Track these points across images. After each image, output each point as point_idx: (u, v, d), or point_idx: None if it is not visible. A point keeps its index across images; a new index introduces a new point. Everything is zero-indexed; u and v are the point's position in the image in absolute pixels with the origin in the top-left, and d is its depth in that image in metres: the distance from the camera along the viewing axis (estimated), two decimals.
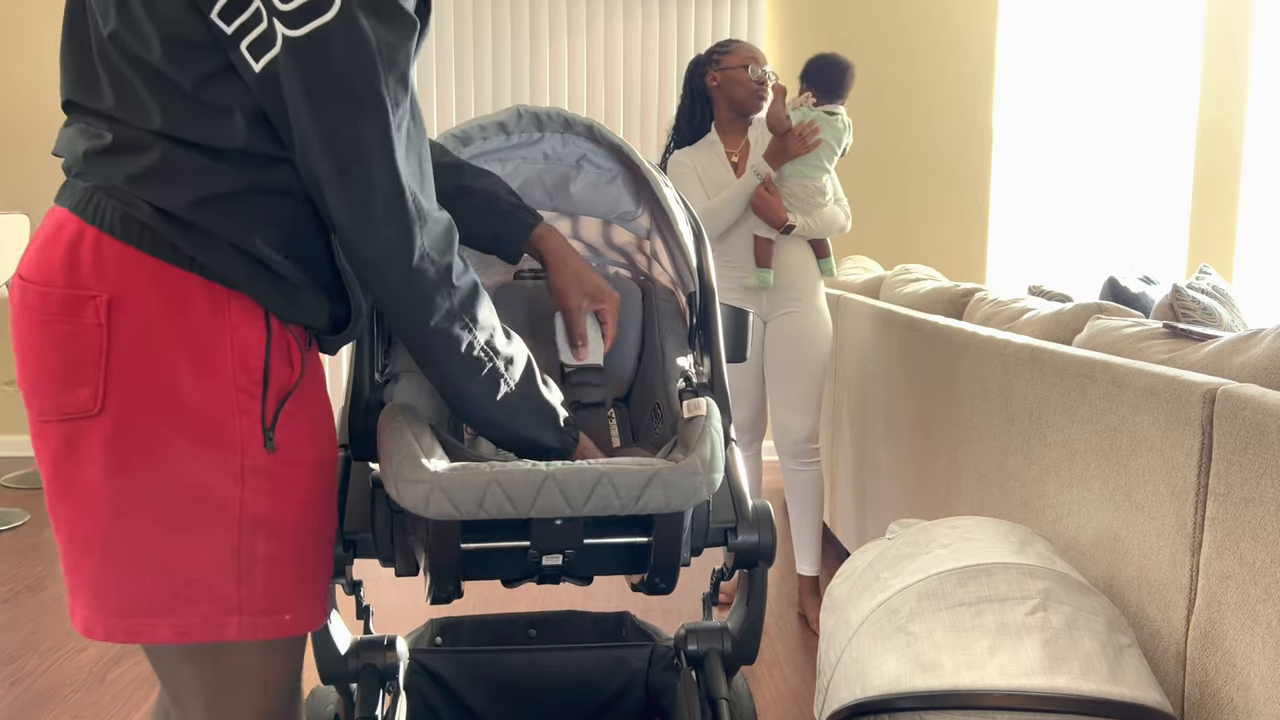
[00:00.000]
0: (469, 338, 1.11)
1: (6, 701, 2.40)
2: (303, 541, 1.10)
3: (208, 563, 1.03)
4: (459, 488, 1.04)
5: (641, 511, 1.09)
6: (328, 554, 1.16)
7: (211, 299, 1.02)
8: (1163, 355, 1.69)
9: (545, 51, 4.77)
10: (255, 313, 1.04)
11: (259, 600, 1.06)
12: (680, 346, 1.47)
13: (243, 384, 1.03)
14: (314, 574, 1.13)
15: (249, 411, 1.03)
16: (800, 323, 2.88)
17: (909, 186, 4.99)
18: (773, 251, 2.82)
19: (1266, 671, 1.29)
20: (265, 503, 1.05)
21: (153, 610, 1.02)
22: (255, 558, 1.05)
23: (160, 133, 0.99)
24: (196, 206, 1.00)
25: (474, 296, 1.11)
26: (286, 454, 1.07)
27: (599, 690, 1.58)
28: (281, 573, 1.08)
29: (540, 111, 1.42)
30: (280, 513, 1.07)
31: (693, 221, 1.47)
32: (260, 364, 1.04)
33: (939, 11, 4.92)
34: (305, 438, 1.09)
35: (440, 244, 1.06)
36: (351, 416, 1.24)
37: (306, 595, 1.12)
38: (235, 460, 1.03)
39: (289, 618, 1.09)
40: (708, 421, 1.15)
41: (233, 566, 1.04)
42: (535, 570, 1.18)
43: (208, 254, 1.01)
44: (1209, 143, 5.03)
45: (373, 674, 1.34)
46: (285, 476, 1.07)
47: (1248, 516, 1.33)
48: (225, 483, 1.02)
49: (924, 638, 1.35)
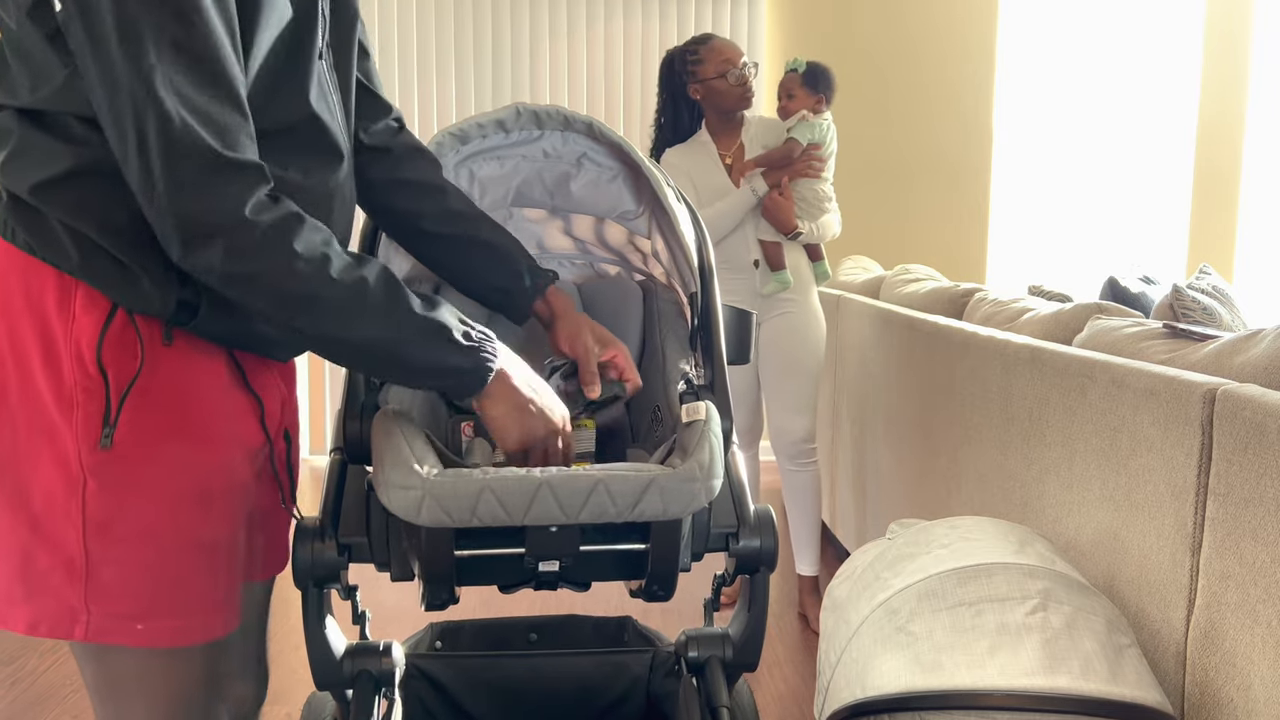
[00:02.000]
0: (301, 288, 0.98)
1: (6, 701, 2.40)
2: (160, 546, 1.03)
3: (55, 559, 1.01)
4: (452, 495, 1.02)
5: (638, 519, 1.06)
6: (211, 562, 1.08)
7: (61, 289, 0.99)
8: (1163, 355, 1.69)
9: (545, 51, 4.77)
10: (98, 303, 0.99)
11: (107, 603, 1.01)
12: (681, 348, 1.46)
13: (79, 378, 0.99)
14: (177, 582, 1.05)
15: (85, 407, 0.99)
16: (794, 323, 2.87)
17: (909, 187, 4.99)
18: (783, 253, 2.81)
19: (1266, 671, 1.29)
20: (108, 503, 1.01)
21: (13, 598, 1.02)
22: (103, 559, 1.01)
23: (26, 109, 0.98)
24: (37, 191, 0.98)
25: (288, 231, 0.97)
26: (131, 451, 1.01)
27: (600, 696, 1.57)
28: (132, 577, 1.02)
29: (539, 109, 1.40)
30: (128, 514, 1.01)
31: (695, 221, 1.46)
32: (95, 356, 0.99)
33: (939, 12, 4.92)
34: (158, 436, 1.03)
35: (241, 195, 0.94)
36: (345, 420, 1.22)
37: (167, 605, 1.04)
38: (75, 457, 0.99)
39: (141, 627, 1.03)
40: (706, 426, 1.13)
41: (79, 566, 1.01)
42: (531, 576, 1.16)
43: (46, 240, 0.99)
44: (1209, 142, 5.03)
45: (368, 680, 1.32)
46: (132, 477, 1.01)
47: (1248, 516, 1.33)
48: (69, 479, 1.00)
49: (924, 638, 1.35)
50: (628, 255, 1.63)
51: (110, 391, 1.00)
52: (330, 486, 1.26)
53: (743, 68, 2.75)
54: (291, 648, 2.40)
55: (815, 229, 2.82)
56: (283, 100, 1.04)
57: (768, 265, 2.82)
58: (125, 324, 1.00)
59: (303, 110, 1.06)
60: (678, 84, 2.82)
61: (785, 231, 2.77)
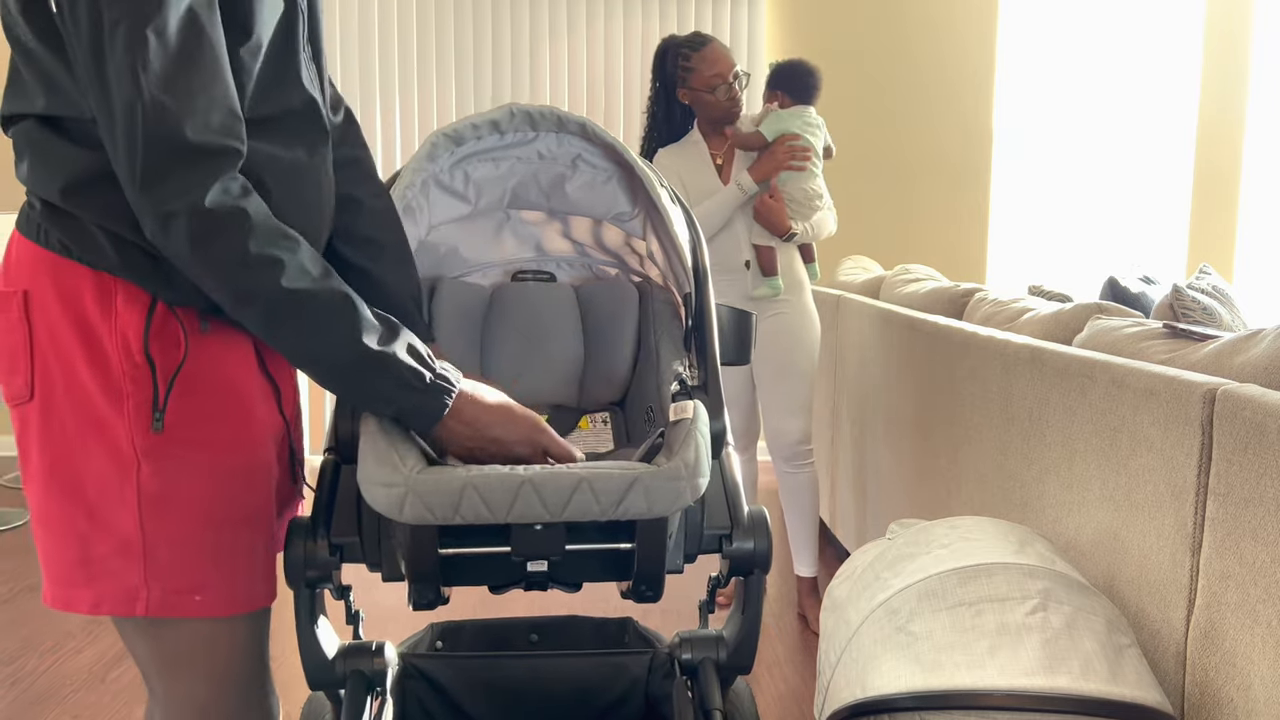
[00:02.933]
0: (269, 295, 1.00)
1: (6, 701, 2.40)
2: (211, 521, 1.10)
3: (114, 540, 1.07)
4: (434, 492, 1.02)
5: (622, 517, 1.06)
6: (254, 535, 1.15)
7: (99, 288, 1.05)
8: (1163, 355, 1.69)
9: (544, 50, 4.77)
10: (139, 298, 1.05)
11: (165, 579, 1.08)
12: (676, 348, 1.45)
13: (127, 369, 1.05)
14: (229, 554, 1.12)
15: (135, 396, 1.06)
16: (788, 323, 2.87)
17: (909, 187, 4.99)
18: (776, 258, 2.81)
19: (1266, 671, 1.29)
20: (162, 483, 1.07)
21: (75, 582, 1.09)
22: (159, 537, 1.07)
23: (41, 116, 1.02)
24: (67, 195, 1.03)
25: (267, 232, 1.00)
26: (181, 434, 1.08)
27: (598, 697, 1.57)
28: (187, 552, 1.09)
29: (533, 110, 1.39)
30: (181, 492, 1.08)
31: (689, 222, 1.46)
32: (142, 347, 1.05)
33: (939, 12, 4.92)
34: (203, 417, 1.09)
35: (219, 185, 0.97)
36: (338, 419, 1.21)
37: (220, 576, 1.11)
38: (128, 443, 1.06)
39: (199, 598, 1.10)
40: (693, 425, 1.12)
41: (137, 545, 1.07)
42: (521, 577, 1.16)
43: (82, 242, 1.04)
44: (1209, 143, 5.03)
45: (360, 680, 1.32)
46: (182, 457, 1.08)
47: (1248, 516, 1.33)
48: (122, 465, 1.06)
49: (924, 638, 1.35)
50: (625, 257, 1.63)
51: (158, 379, 1.06)
52: (323, 486, 1.26)
53: (733, 80, 2.73)
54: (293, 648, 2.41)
55: (809, 228, 2.81)
56: (285, 85, 1.10)
57: (760, 270, 2.82)
58: (167, 315, 1.07)
59: (302, 94, 1.12)
60: (669, 79, 2.81)
61: (779, 233, 2.76)
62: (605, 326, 1.60)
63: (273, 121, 1.07)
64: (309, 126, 1.14)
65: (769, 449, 2.96)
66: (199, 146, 0.95)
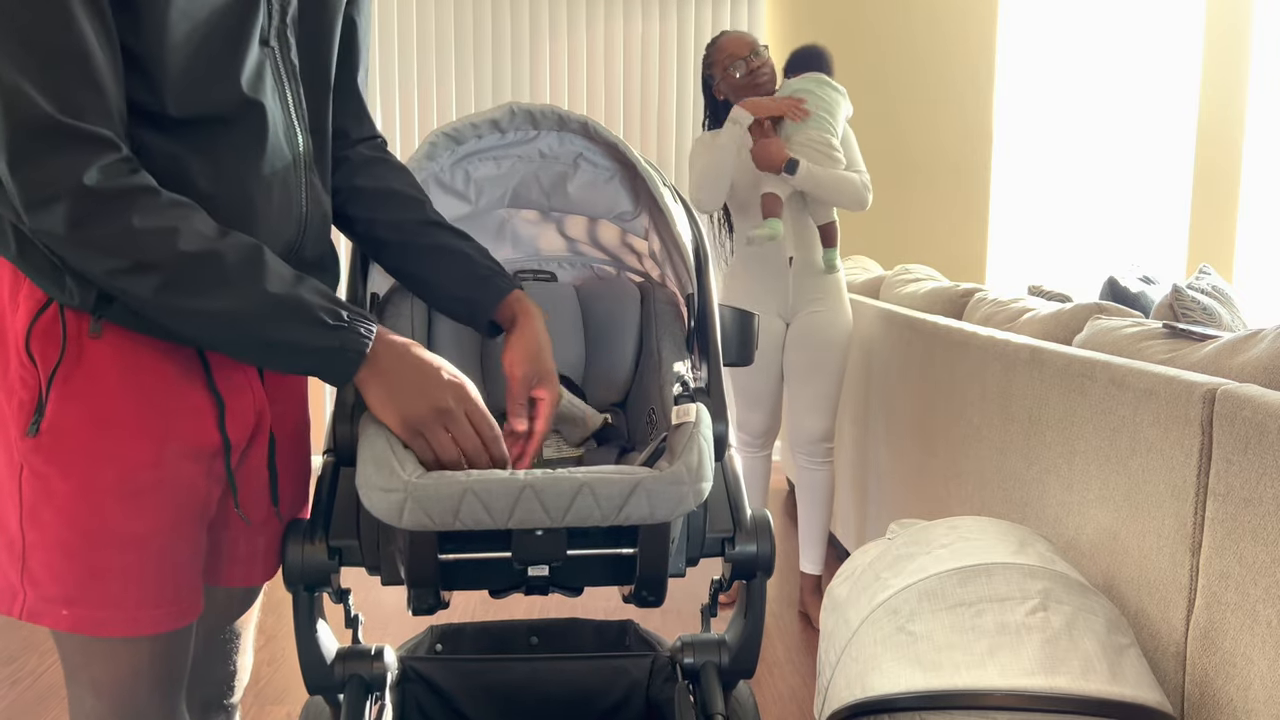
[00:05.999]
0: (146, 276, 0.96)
1: (7, 701, 2.40)
2: (87, 536, 1.04)
3: (4, 536, 1.05)
4: (434, 497, 1.01)
5: (624, 523, 1.05)
6: (141, 558, 1.07)
7: (14, 279, 1.02)
8: (1163, 355, 1.69)
9: (545, 50, 4.77)
10: (36, 294, 1.01)
11: (38, 586, 1.05)
12: (677, 349, 1.44)
13: (17, 366, 1.02)
14: (102, 574, 1.05)
15: (21, 394, 1.02)
16: (821, 321, 2.88)
17: (909, 186, 4.99)
18: (781, 204, 2.76)
19: (1266, 671, 1.29)
20: (36, 489, 1.03)
21: None
22: (34, 541, 1.04)
23: None
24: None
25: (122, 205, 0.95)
26: (57, 440, 1.02)
27: (599, 700, 1.56)
28: (56, 563, 1.04)
29: (534, 109, 1.38)
30: (52, 501, 1.03)
31: (692, 222, 1.45)
32: (24, 345, 1.02)
33: (939, 11, 4.92)
34: (81, 425, 1.03)
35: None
36: (336, 421, 1.19)
37: (91, 595, 1.05)
38: (16, 443, 1.03)
39: (65, 613, 1.05)
40: (696, 428, 1.11)
41: (19, 547, 1.05)
42: (521, 581, 1.14)
43: (1, 233, 1.01)
44: (1209, 142, 5.03)
45: (359, 684, 1.32)
46: (56, 464, 1.03)
47: (1248, 516, 1.33)
48: (10, 464, 1.04)
49: (924, 638, 1.35)
50: (622, 256, 1.63)
51: (41, 380, 1.02)
52: (322, 489, 1.25)
53: (750, 56, 2.81)
54: (292, 650, 2.40)
55: (821, 173, 2.73)
56: (211, 85, 1.02)
57: (761, 214, 2.78)
58: (55, 315, 1.02)
59: (235, 97, 1.04)
60: (707, 84, 2.96)
61: (777, 165, 2.70)
62: (607, 326, 1.60)
63: (191, 124, 1.00)
64: (247, 134, 1.06)
65: (790, 442, 2.96)
66: (70, 129, 0.91)
